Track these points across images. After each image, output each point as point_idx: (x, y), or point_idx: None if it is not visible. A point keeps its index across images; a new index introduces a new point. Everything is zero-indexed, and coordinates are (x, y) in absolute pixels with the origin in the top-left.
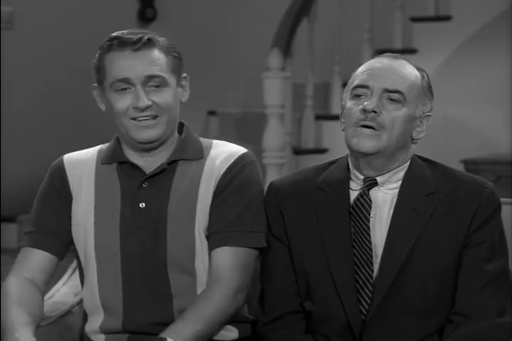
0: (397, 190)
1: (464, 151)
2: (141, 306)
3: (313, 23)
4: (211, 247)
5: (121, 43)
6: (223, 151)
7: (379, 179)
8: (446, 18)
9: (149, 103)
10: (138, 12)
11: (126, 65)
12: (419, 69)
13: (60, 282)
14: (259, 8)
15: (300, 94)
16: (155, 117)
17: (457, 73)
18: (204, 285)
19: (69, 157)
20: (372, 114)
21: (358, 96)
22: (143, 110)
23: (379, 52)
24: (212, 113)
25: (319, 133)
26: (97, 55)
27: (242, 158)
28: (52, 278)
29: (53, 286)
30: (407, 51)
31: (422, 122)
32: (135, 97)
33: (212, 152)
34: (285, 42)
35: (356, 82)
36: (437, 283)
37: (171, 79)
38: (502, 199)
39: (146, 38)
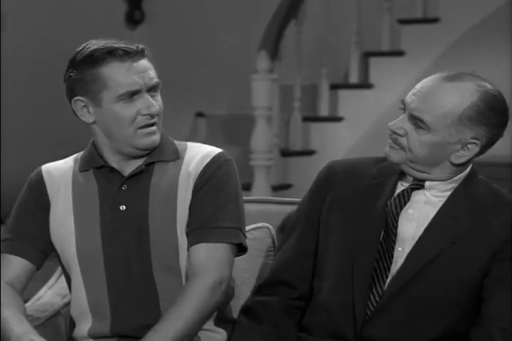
0: (444, 199)
1: None
2: (128, 309)
3: (301, 26)
4: (189, 244)
5: (122, 54)
6: (199, 152)
7: (427, 183)
8: (434, 21)
9: (158, 108)
10: (126, 14)
11: (136, 75)
12: (472, 94)
13: (48, 284)
14: (246, 9)
15: (288, 95)
16: (154, 123)
17: None
18: None
19: (47, 167)
20: (395, 135)
21: (401, 108)
22: (153, 116)
23: (367, 55)
24: (200, 115)
25: (307, 134)
26: (84, 67)
27: (217, 157)
28: (27, 285)
29: (40, 289)
30: (394, 53)
31: (465, 147)
32: (145, 104)
33: (188, 153)
34: (273, 45)
35: (406, 96)
36: (454, 291)
37: None
38: None
39: (141, 47)
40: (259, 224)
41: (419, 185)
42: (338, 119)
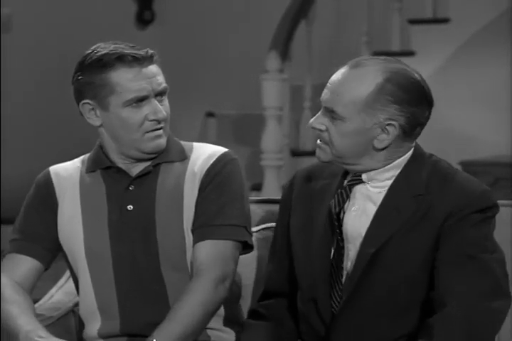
0: (385, 189)
1: (462, 153)
2: (137, 308)
3: (311, 26)
4: (194, 242)
5: (131, 60)
6: (204, 152)
7: (364, 176)
8: (445, 21)
9: (166, 114)
10: (136, 14)
11: (143, 81)
12: (375, 76)
13: (58, 285)
14: (257, 9)
15: (298, 95)
16: (161, 127)
17: (455, 75)
18: None
19: (54, 168)
20: (317, 131)
21: (320, 102)
22: (160, 122)
23: (377, 54)
24: (210, 115)
25: None
26: (93, 71)
27: (223, 156)
28: (37, 285)
29: (50, 289)
30: (404, 53)
31: (385, 130)
32: (152, 110)
33: (194, 153)
34: (283, 45)
35: None
36: (406, 285)
37: None
38: (500, 202)
39: (150, 53)
40: (269, 224)
41: (357, 179)
42: None
